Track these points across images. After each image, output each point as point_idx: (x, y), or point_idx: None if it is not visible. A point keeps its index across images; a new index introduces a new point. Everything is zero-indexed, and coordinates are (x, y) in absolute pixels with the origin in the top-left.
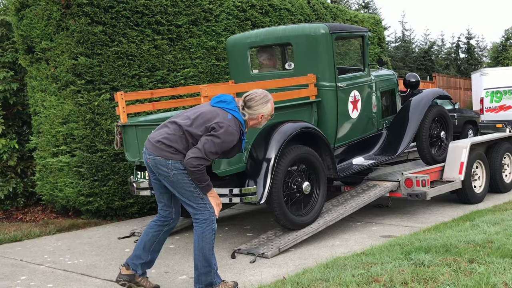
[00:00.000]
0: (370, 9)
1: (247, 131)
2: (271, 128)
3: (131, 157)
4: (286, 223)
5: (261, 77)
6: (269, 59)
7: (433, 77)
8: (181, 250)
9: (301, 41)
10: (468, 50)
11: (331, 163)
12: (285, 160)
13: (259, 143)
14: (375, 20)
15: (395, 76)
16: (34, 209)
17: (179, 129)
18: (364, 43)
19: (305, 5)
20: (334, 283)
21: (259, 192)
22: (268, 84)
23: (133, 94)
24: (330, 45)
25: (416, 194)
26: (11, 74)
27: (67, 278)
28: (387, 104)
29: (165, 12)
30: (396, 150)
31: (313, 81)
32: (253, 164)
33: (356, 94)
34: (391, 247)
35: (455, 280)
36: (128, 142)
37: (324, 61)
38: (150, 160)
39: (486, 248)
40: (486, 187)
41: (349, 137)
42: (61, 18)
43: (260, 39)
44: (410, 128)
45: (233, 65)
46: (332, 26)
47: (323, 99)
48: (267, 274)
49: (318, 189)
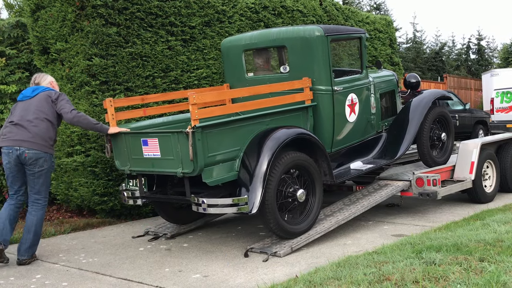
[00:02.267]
0: (381, 10)
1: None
2: (264, 134)
3: (121, 166)
4: (280, 232)
5: (256, 80)
6: (265, 62)
7: (444, 78)
8: (195, 249)
9: (296, 44)
10: (478, 51)
11: (327, 168)
12: (278, 167)
13: (251, 150)
14: (387, 21)
15: (395, 77)
16: (49, 208)
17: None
18: (362, 44)
19: (317, 6)
20: (346, 281)
21: (251, 201)
22: (261, 90)
23: (122, 101)
24: (325, 47)
25: (427, 194)
26: (27, 75)
27: (81, 276)
28: (386, 105)
29: (179, 13)
30: (396, 153)
31: (308, 85)
32: (245, 173)
33: (353, 97)
34: (403, 246)
35: (465, 279)
36: (117, 150)
37: (319, 64)
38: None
39: (497, 247)
40: (496, 187)
41: (347, 141)
42: (76, 20)
43: (255, 42)
44: (410, 130)
45: (228, 68)
46: (327, 28)
47: (319, 104)
48: (279, 273)
49: (314, 196)
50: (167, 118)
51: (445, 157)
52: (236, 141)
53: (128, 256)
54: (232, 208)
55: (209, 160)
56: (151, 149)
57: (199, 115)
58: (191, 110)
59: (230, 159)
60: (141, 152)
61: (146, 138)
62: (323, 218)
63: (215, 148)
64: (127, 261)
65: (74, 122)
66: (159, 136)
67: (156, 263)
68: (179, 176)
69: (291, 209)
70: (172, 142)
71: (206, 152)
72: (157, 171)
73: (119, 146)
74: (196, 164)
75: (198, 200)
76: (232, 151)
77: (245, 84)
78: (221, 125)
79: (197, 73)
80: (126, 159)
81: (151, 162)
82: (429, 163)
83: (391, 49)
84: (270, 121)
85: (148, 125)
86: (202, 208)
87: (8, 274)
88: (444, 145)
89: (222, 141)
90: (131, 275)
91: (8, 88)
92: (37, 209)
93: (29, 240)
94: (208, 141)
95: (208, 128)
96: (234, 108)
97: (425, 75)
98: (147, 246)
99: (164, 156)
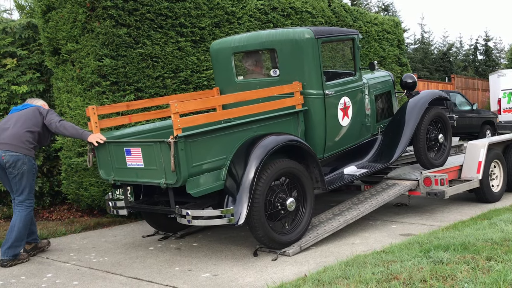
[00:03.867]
0: (389, 11)
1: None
2: (252, 142)
3: (105, 175)
4: (269, 242)
5: (246, 84)
6: (255, 65)
7: (452, 79)
8: (204, 248)
9: (285, 47)
10: (486, 52)
11: (319, 175)
12: (266, 176)
13: (238, 159)
14: (395, 22)
15: (391, 77)
16: (60, 208)
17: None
18: (355, 46)
19: (326, 7)
20: (355, 280)
21: (237, 212)
22: (247, 96)
23: (106, 108)
24: (316, 50)
25: (435, 193)
26: (38, 76)
27: (92, 275)
28: (382, 107)
29: (189, 14)
30: (391, 156)
31: (298, 89)
32: (232, 182)
33: (346, 101)
34: (411, 245)
35: (473, 278)
36: (101, 159)
37: (310, 68)
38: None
39: (504, 246)
40: (503, 186)
41: (340, 146)
42: (86, 21)
43: (244, 44)
44: (406, 132)
45: (218, 71)
46: (317, 30)
47: (310, 108)
48: (288, 272)
49: (305, 204)
50: (154, 124)
51: (442, 159)
52: (222, 150)
53: (138, 255)
54: (218, 220)
55: (194, 170)
56: (134, 159)
57: (182, 124)
58: (173, 119)
59: (216, 168)
60: (124, 161)
61: (129, 148)
62: (331, 217)
63: (200, 158)
64: (137, 260)
65: (60, 130)
66: (142, 146)
67: (166, 262)
68: (163, 187)
69: (281, 218)
70: (155, 152)
71: (190, 162)
72: (141, 181)
73: (102, 155)
74: (180, 175)
75: (182, 211)
76: (218, 160)
77: (235, 87)
78: (206, 133)
79: (206, 74)
80: (110, 168)
81: (134, 172)
82: (426, 165)
83: (399, 50)
84: (258, 127)
85: (133, 132)
86: (186, 220)
87: (19, 273)
88: (442, 146)
89: (207, 150)
90: (141, 274)
91: (19, 89)
92: (21, 210)
93: (11, 240)
94: (192, 150)
95: (192, 137)
96: (219, 116)
97: (432, 75)
98: (157, 245)
99: (147, 166)
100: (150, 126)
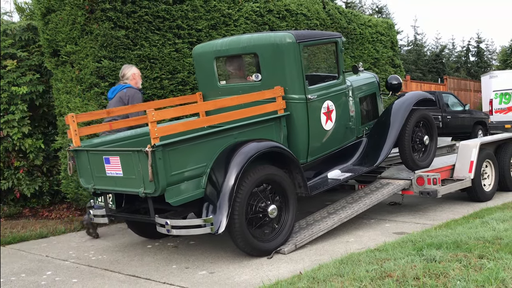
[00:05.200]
0: (383, 14)
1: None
2: (232, 149)
3: (85, 183)
4: (250, 250)
5: (229, 89)
6: (237, 69)
7: (444, 80)
8: (201, 246)
9: (267, 51)
10: (478, 54)
11: (301, 181)
12: (247, 183)
13: (219, 166)
14: (388, 24)
15: (376, 79)
16: (59, 207)
17: None
18: (338, 49)
19: (321, 10)
20: (349, 278)
21: (217, 221)
22: (228, 102)
23: (85, 115)
24: (297, 54)
25: (428, 192)
26: (37, 77)
27: (91, 273)
28: (367, 109)
29: (186, 17)
30: (376, 159)
31: (280, 94)
32: (212, 190)
33: (329, 104)
34: (404, 244)
35: (465, 275)
36: (81, 167)
37: (292, 72)
38: None
39: (495, 244)
40: (495, 186)
41: (324, 150)
42: (85, 23)
43: (226, 49)
44: (391, 134)
45: (200, 76)
46: (299, 34)
47: (293, 113)
48: (284, 270)
49: (287, 210)
50: (135, 131)
51: (428, 160)
52: (203, 157)
53: (136, 253)
54: (198, 230)
55: (173, 179)
56: (113, 168)
57: (160, 132)
58: (150, 128)
59: (196, 176)
60: (104, 170)
61: (108, 156)
62: (326, 216)
63: (179, 166)
64: (135, 258)
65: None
66: (120, 155)
67: (164, 260)
68: (142, 196)
69: (263, 225)
70: (133, 160)
71: (168, 171)
72: (120, 190)
73: (82, 163)
74: (158, 184)
75: (161, 221)
76: (198, 168)
77: (217, 92)
78: (185, 141)
79: None
80: (90, 177)
81: (114, 181)
82: (411, 166)
83: (393, 52)
84: (239, 134)
85: (114, 139)
86: (165, 230)
87: (19, 270)
88: (427, 148)
89: (187, 158)
90: (139, 272)
91: (19, 90)
92: None
93: None
94: (171, 159)
95: (171, 145)
96: (198, 123)
97: (425, 77)
98: (154, 243)
99: (126, 175)
100: (132, 132)
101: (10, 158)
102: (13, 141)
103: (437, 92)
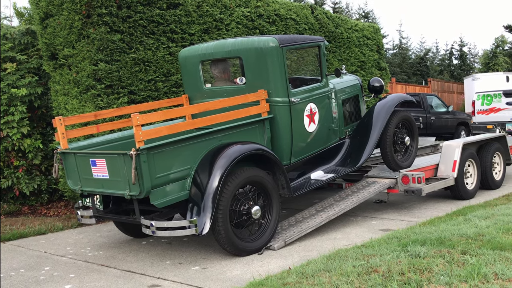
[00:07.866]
0: (369, 18)
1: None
2: (216, 151)
3: (73, 185)
4: (233, 250)
5: (214, 92)
6: (222, 72)
7: (428, 82)
8: (194, 243)
9: (251, 55)
10: (461, 57)
11: (284, 182)
12: (231, 185)
13: (203, 168)
14: (374, 28)
15: (358, 81)
16: (58, 205)
17: None
18: (321, 53)
19: (309, 15)
20: (336, 273)
21: (201, 222)
22: (211, 106)
23: (73, 118)
24: (281, 58)
25: (412, 190)
26: (36, 79)
27: (88, 268)
28: (350, 111)
29: (179, 21)
30: (359, 160)
31: (264, 97)
32: (196, 192)
33: (312, 107)
34: (389, 240)
35: (448, 271)
36: (68, 169)
37: (275, 76)
38: None
39: (478, 241)
40: (477, 184)
41: (307, 151)
42: (82, 27)
43: (211, 52)
44: (373, 135)
45: (186, 78)
46: (282, 38)
47: (276, 116)
48: (274, 265)
49: (271, 211)
50: (122, 133)
51: (409, 161)
52: (187, 160)
53: (132, 249)
54: (182, 231)
55: (157, 182)
56: (100, 170)
57: (144, 136)
58: (134, 132)
59: (180, 178)
60: (90, 172)
61: (95, 159)
62: (314, 213)
63: (163, 169)
64: (130, 254)
65: None
66: (106, 157)
67: (158, 256)
68: (127, 198)
69: (247, 225)
70: (119, 163)
71: (153, 174)
72: (106, 192)
73: (70, 165)
74: (143, 186)
75: (146, 222)
76: (183, 170)
77: (203, 95)
78: (170, 144)
79: None
80: (77, 178)
81: (100, 183)
82: (393, 167)
83: (379, 55)
84: (223, 136)
85: (101, 141)
86: (151, 231)
87: (18, 266)
88: (408, 148)
89: (171, 161)
90: (135, 267)
91: (18, 92)
92: None
93: None
94: (156, 162)
95: (155, 148)
96: (183, 127)
97: (410, 79)
98: (149, 240)
99: (112, 177)
100: (119, 134)
101: (9, 157)
102: (13, 141)
103: (421, 94)
